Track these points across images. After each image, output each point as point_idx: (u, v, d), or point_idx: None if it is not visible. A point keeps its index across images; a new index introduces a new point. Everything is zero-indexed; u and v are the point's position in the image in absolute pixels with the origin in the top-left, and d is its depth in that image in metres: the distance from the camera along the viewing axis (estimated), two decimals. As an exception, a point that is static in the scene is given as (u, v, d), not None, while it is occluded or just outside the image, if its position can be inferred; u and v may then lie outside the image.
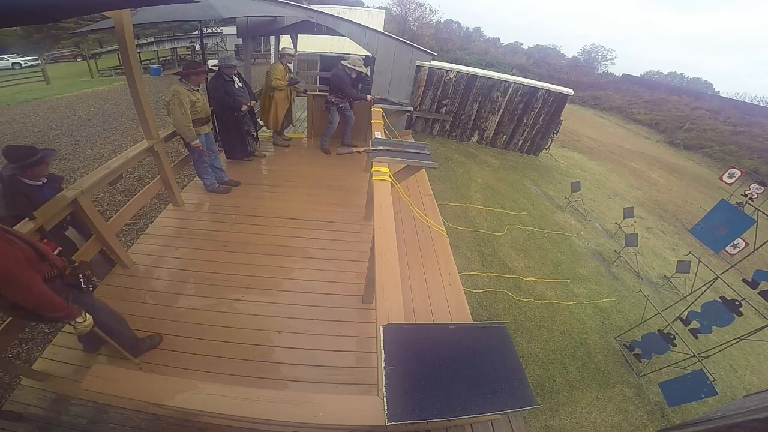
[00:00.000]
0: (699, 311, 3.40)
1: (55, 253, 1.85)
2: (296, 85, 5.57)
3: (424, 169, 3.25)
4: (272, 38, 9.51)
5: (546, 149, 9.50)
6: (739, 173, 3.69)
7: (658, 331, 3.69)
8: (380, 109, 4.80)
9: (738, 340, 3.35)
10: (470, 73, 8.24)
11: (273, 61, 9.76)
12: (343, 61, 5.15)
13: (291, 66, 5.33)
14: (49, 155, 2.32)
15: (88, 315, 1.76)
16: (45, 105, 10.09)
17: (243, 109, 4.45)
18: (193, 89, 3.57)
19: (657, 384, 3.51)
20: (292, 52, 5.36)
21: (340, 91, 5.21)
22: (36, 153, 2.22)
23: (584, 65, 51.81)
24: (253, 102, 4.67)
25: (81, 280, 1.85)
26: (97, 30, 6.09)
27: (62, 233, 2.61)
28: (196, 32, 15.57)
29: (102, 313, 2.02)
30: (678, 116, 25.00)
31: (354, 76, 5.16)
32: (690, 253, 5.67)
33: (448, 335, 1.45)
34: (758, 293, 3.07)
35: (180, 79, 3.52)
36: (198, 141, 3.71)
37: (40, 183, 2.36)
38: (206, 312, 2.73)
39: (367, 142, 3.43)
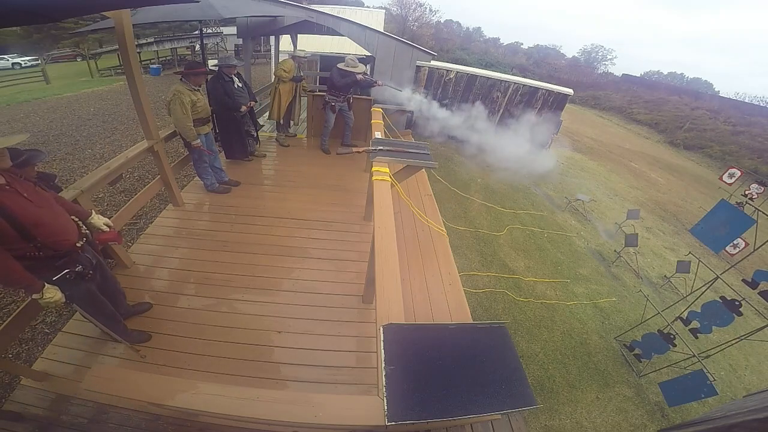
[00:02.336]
0: (699, 311, 3.40)
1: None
2: (302, 83, 5.76)
3: (424, 169, 3.24)
4: (272, 38, 9.49)
5: (546, 149, 9.48)
6: (739, 173, 3.68)
7: (658, 331, 3.69)
8: (380, 109, 4.80)
9: (738, 340, 3.35)
10: (470, 73, 8.24)
11: (273, 61, 9.81)
12: (339, 64, 5.16)
13: (298, 66, 5.59)
14: (36, 157, 2.16)
15: (54, 293, 1.75)
16: (45, 105, 10.09)
17: (242, 109, 4.45)
18: (195, 89, 3.57)
19: (657, 384, 3.51)
20: (303, 54, 5.62)
21: (335, 89, 5.23)
22: (20, 155, 2.08)
23: (584, 65, 51.64)
24: (253, 102, 4.67)
25: (78, 267, 1.88)
26: (97, 30, 6.09)
27: None
28: (196, 32, 15.55)
29: (85, 302, 2.05)
30: (678, 116, 24.91)
31: (356, 78, 5.14)
32: (690, 253, 5.66)
33: (448, 335, 1.45)
34: (758, 293, 3.07)
35: (181, 79, 3.52)
36: (198, 141, 3.71)
37: None
38: (206, 312, 2.73)
39: (367, 142, 3.43)
